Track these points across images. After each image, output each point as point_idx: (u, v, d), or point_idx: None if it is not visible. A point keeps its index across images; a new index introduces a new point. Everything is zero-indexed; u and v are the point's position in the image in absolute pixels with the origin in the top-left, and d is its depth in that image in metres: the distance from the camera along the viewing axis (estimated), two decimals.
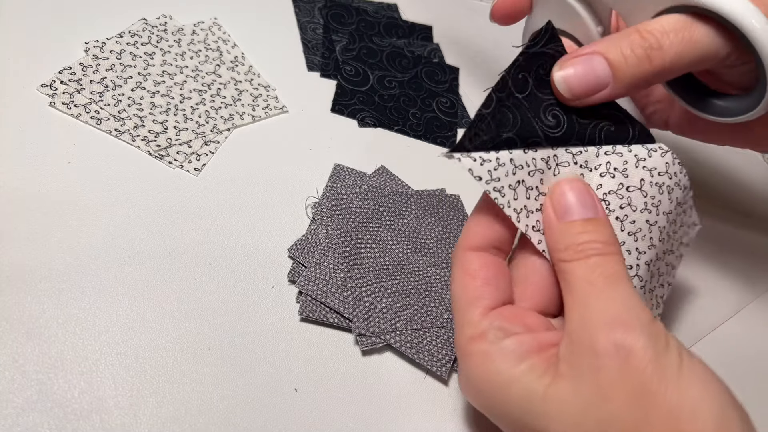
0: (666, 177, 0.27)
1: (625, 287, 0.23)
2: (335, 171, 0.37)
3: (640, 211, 0.27)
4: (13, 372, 0.24)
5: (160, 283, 0.29)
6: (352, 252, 0.32)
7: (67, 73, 0.35)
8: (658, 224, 0.27)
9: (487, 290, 0.25)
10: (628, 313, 0.22)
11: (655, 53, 0.25)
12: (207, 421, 0.26)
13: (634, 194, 0.26)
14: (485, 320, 0.24)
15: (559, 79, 0.26)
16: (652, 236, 0.27)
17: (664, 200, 0.27)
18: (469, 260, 0.25)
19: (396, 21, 0.50)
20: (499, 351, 0.23)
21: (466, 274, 0.25)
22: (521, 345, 0.23)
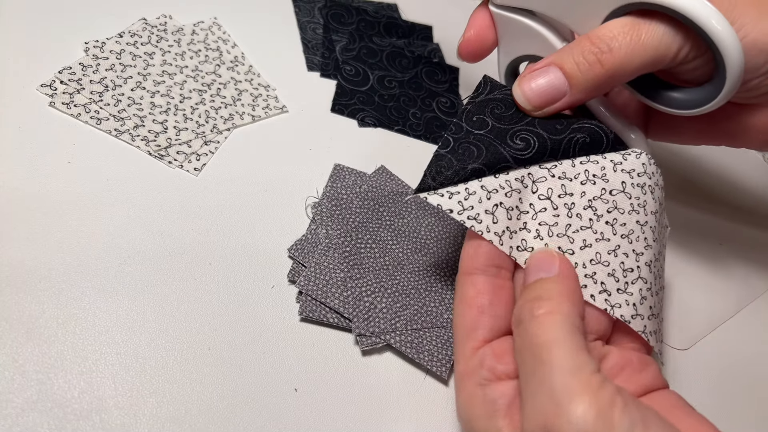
0: (646, 177, 0.27)
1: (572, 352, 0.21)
2: (335, 171, 0.37)
3: (628, 212, 0.27)
4: (13, 372, 0.24)
5: (160, 283, 0.29)
6: (352, 252, 0.32)
7: (67, 73, 0.35)
8: (649, 224, 0.27)
9: (483, 320, 0.25)
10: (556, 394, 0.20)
11: (605, 57, 0.26)
12: (207, 421, 0.26)
13: (619, 197, 0.27)
14: (476, 357, 0.24)
15: (519, 93, 0.27)
16: (646, 237, 0.27)
17: (649, 200, 0.27)
18: (466, 287, 0.26)
19: (396, 21, 0.50)
20: (481, 398, 0.23)
21: (463, 302, 0.25)
22: (501, 398, 0.23)
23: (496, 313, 0.25)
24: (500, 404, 0.23)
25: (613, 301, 0.26)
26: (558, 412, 0.20)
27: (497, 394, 0.23)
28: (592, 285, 0.26)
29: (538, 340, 0.22)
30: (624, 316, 0.26)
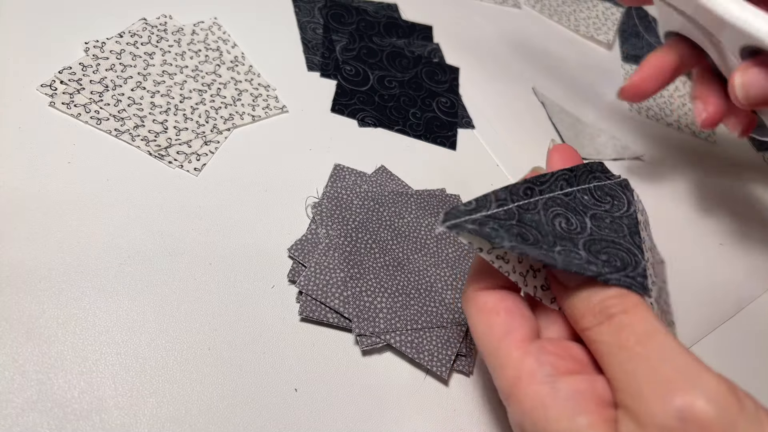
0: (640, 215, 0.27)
1: (665, 342, 0.20)
2: (335, 171, 0.37)
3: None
4: (13, 372, 0.24)
5: (160, 283, 0.29)
6: (352, 252, 0.32)
7: (67, 73, 0.35)
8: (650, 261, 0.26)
9: (516, 321, 0.23)
10: (682, 376, 0.19)
11: None
12: (207, 421, 0.26)
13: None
14: (528, 357, 0.21)
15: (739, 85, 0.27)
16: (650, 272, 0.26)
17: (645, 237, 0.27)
18: (483, 298, 0.24)
19: (396, 21, 0.50)
20: (554, 396, 0.20)
21: (485, 311, 0.23)
22: (579, 394, 0.20)
23: (524, 313, 0.23)
24: (582, 399, 0.20)
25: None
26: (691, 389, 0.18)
27: (572, 389, 0.20)
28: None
29: (641, 329, 0.20)
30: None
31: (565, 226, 0.24)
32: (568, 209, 0.25)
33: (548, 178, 0.25)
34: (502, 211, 0.23)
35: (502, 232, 0.22)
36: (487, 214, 0.23)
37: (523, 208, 0.24)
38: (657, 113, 0.54)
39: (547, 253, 0.22)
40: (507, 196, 0.24)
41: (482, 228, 0.22)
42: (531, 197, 0.24)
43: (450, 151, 0.42)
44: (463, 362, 0.31)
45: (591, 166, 0.27)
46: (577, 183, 0.26)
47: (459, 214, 0.22)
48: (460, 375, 0.31)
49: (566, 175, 0.26)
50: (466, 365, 0.31)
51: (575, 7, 0.62)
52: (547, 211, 0.24)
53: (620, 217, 0.26)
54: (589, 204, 0.26)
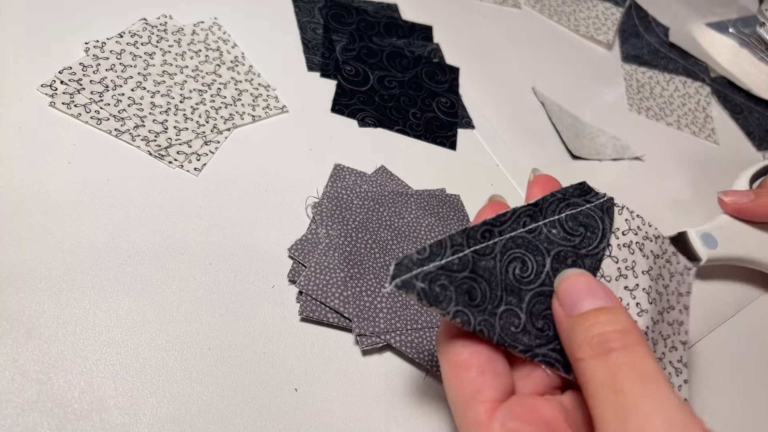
0: (631, 234, 0.25)
1: (662, 392, 0.19)
2: (335, 171, 0.37)
3: (614, 279, 0.25)
4: (13, 372, 0.24)
5: (160, 283, 0.29)
6: (352, 252, 0.32)
7: (67, 73, 0.35)
8: (641, 286, 0.25)
9: (486, 379, 0.22)
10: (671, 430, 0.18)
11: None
12: (207, 421, 0.26)
13: (605, 263, 0.25)
14: (494, 422, 0.21)
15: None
16: (638, 301, 0.25)
17: (638, 259, 0.25)
18: (456, 349, 0.22)
19: (396, 21, 0.50)
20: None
21: (457, 366, 0.22)
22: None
23: (497, 370, 0.22)
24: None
25: None
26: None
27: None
28: None
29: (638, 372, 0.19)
30: None
31: (518, 273, 0.23)
32: (528, 249, 0.24)
33: (509, 217, 0.24)
34: (456, 259, 0.22)
35: (451, 290, 0.21)
36: (440, 264, 0.21)
37: (479, 253, 0.23)
38: (657, 113, 0.54)
39: (488, 320, 0.22)
40: (463, 240, 0.22)
41: (431, 287, 0.21)
42: (489, 239, 0.23)
43: (450, 151, 0.42)
44: None
45: (566, 192, 0.25)
46: (543, 216, 0.25)
47: (410, 265, 0.21)
48: None
49: (530, 210, 0.24)
50: None
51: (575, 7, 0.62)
52: (504, 255, 0.23)
53: (584, 256, 0.25)
54: (556, 239, 0.24)
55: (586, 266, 0.25)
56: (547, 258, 0.24)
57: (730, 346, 0.38)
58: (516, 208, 0.24)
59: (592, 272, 0.25)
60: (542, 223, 0.24)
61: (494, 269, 0.23)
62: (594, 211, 0.25)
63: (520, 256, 0.24)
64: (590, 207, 0.25)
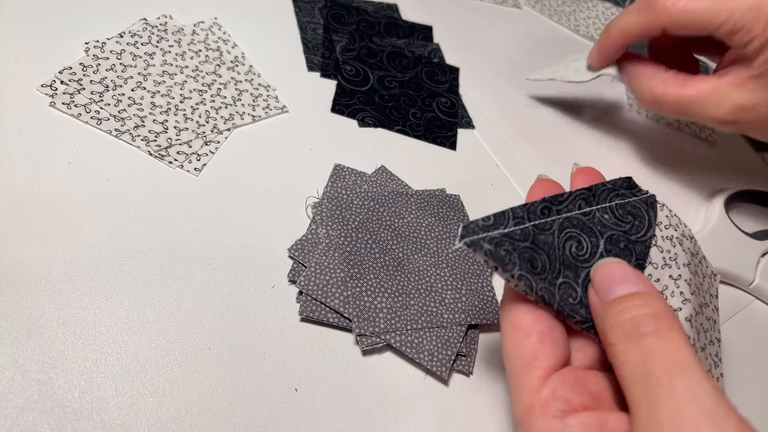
0: (672, 229, 0.27)
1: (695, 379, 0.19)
2: (335, 171, 0.37)
3: (661, 267, 0.26)
4: (14, 372, 0.24)
5: (160, 283, 0.29)
6: (352, 252, 0.32)
7: (68, 73, 0.35)
8: (683, 277, 0.26)
9: (545, 347, 0.22)
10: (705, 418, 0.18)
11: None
12: (207, 421, 0.26)
13: (652, 251, 0.26)
14: (546, 387, 0.21)
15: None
16: (682, 290, 0.25)
17: (679, 252, 0.26)
18: (519, 314, 0.23)
19: (396, 21, 0.50)
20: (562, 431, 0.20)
21: (519, 330, 0.23)
22: (586, 430, 0.20)
23: (556, 340, 0.23)
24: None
25: None
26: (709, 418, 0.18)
27: (581, 426, 0.20)
28: None
29: (671, 358, 0.19)
30: None
31: (574, 251, 0.24)
32: (583, 230, 0.25)
33: (566, 198, 0.25)
34: (518, 230, 0.23)
35: (515, 256, 0.22)
36: (504, 232, 0.23)
37: (539, 227, 0.24)
38: (657, 113, 0.54)
39: (549, 288, 0.23)
40: (524, 214, 0.24)
41: (497, 250, 0.22)
42: (548, 216, 0.24)
43: (450, 151, 0.42)
44: (463, 362, 0.31)
45: (615, 183, 0.27)
46: (596, 202, 0.26)
47: (477, 229, 0.22)
48: (460, 375, 0.31)
49: (584, 194, 0.26)
50: (466, 365, 0.31)
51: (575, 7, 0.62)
52: (561, 233, 0.24)
53: (635, 242, 0.26)
54: (608, 224, 0.26)
55: (636, 251, 0.26)
56: (601, 240, 0.25)
57: (730, 345, 0.38)
58: (571, 192, 0.26)
59: (643, 257, 0.26)
60: (595, 208, 0.26)
61: (553, 244, 0.24)
62: (639, 203, 0.27)
63: (575, 236, 0.25)
64: (636, 200, 0.27)
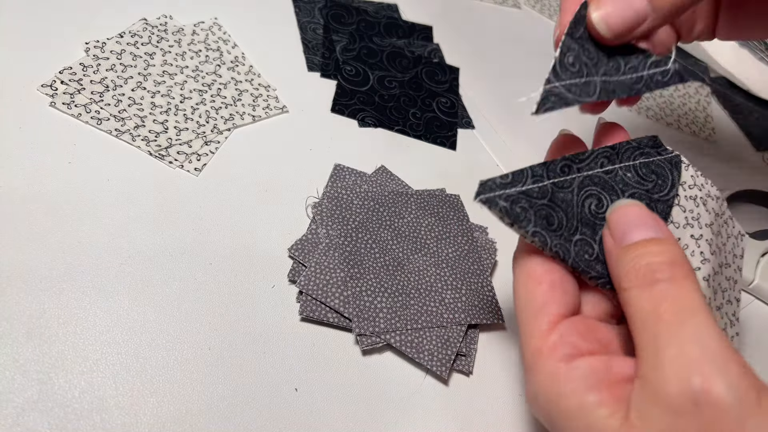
0: (696, 189, 0.27)
1: (702, 323, 0.19)
2: (335, 171, 0.37)
3: (682, 227, 0.26)
4: (14, 372, 0.25)
5: (160, 283, 0.29)
6: (352, 252, 0.32)
7: (68, 73, 0.35)
8: (704, 237, 0.26)
9: (555, 295, 0.23)
10: (708, 359, 0.18)
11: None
12: (207, 421, 0.26)
13: (674, 210, 0.26)
14: (555, 332, 0.22)
15: (598, 19, 0.25)
16: (702, 251, 0.25)
17: (702, 212, 0.26)
18: (532, 264, 0.23)
19: (396, 21, 0.50)
20: (568, 373, 0.21)
21: (531, 278, 0.23)
22: (593, 373, 0.21)
23: (567, 289, 0.23)
24: (595, 378, 0.20)
25: None
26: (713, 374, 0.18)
27: (588, 367, 0.21)
28: None
29: (683, 303, 0.20)
30: None
31: (594, 208, 0.24)
32: (605, 188, 0.25)
33: (587, 156, 0.25)
34: (536, 188, 0.23)
35: (531, 213, 0.23)
36: (522, 189, 0.23)
37: (558, 185, 0.24)
38: (657, 113, 0.54)
39: (564, 244, 0.23)
40: (543, 172, 0.24)
41: (513, 207, 0.22)
42: (568, 174, 0.24)
43: (450, 151, 0.42)
44: (463, 362, 0.31)
45: (640, 142, 0.27)
46: (619, 160, 0.26)
47: (494, 187, 0.22)
48: (460, 375, 0.31)
49: (607, 153, 0.26)
50: (466, 365, 0.31)
51: None
52: (581, 191, 0.24)
53: (657, 200, 0.26)
54: (631, 182, 0.26)
55: (658, 210, 0.26)
56: (622, 198, 0.25)
57: None
58: (594, 150, 0.25)
59: (664, 217, 0.26)
60: (618, 166, 0.26)
61: (571, 201, 0.24)
62: (664, 162, 0.27)
63: (596, 194, 0.25)
64: (661, 159, 0.27)
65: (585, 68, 0.25)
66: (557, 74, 0.24)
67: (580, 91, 0.25)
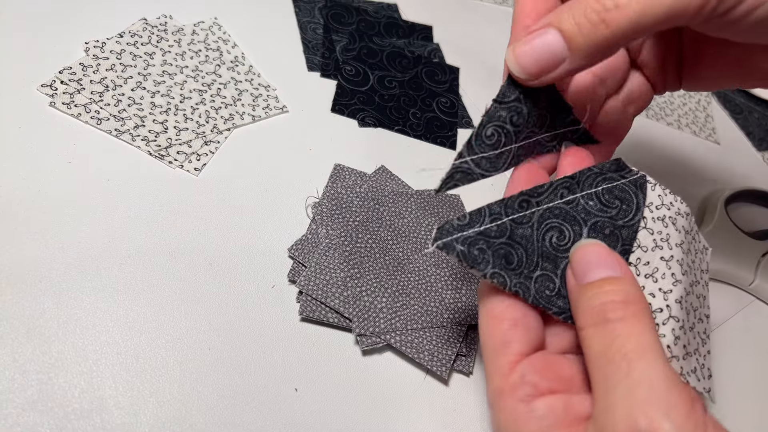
0: (664, 209, 0.26)
1: (651, 364, 0.19)
2: (335, 171, 0.37)
3: (651, 249, 0.25)
4: (14, 372, 0.24)
5: (160, 283, 0.29)
6: (352, 252, 0.32)
7: (68, 73, 0.35)
8: (675, 258, 0.26)
9: (516, 333, 0.23)
10: (654, 400, 0.19)
11: (610, 16, 0.22)
12: (207, 421, 0.26)
13: (641, 234, 0.26)
14: (516, 372, 0.22)
15: (512, 60, 0.24)
16: (673, 272, 0.25)
17: (672, 232, 0.26)
18: (493, 302, 0.23)
19: (396, 21, 0.50)
20: (527, 414, 0.21)
21: (492, 317, 0.23)
22: (551, 413, 0.21)
23: (529, 325, 0.23)
24: (552, 419, 0.21)
25: None
26: (659, 416, 0.18)
27: (546, 408, 0.21)
28: None
29: (633, 344, 0.20)
30: None
31: (555, 241, 0.24)
32: (566, 219, 0.25)
33: (546, 189, 0.25)
34: (494, 227, 0.23)
35: (488, 254, 0.23)
36: (479, 230, 0.23)
37: (516, 221, 0.24)
38: (657, 113, 0.54)
39: (524, 282, 0.23)
40: (501, 209, 0.24)
41: (470, 250, 0.22)
42: (527, 209, 0.24)
43: (450, 151, 0.42)
44: (463, 362, 0.31)
45: (602, 167, 0.26)
46: (580, 189, 0.26)
47: (451, 230, 0.22)
48: (460, 375, 0.31)
49: (567, 183, 0.25)
50: (466, 365, 0.31)
51: None
52: (541, 224, 0.24)
53: (621, 227, 0.25)
54: (593, 210, 0.25)
55: (623, 236, 0.25)
56: (584, 228, 0.25)
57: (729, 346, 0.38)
58: (553, 181, 0.25)
59: (629, 242, 0.26)
60: (579, 195, 0.25)
61: (531, 237, 0.24)
62: (628, 185, 0.27)
63: (557, 226, 0.25)
64: (625, 182, 0.27)
65: (504, 138, 0.25)
66: (471, 148, 0.24)
67: (489, 165, 0.24)
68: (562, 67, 0.24)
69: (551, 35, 0.23)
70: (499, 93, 0.25)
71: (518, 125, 0.25)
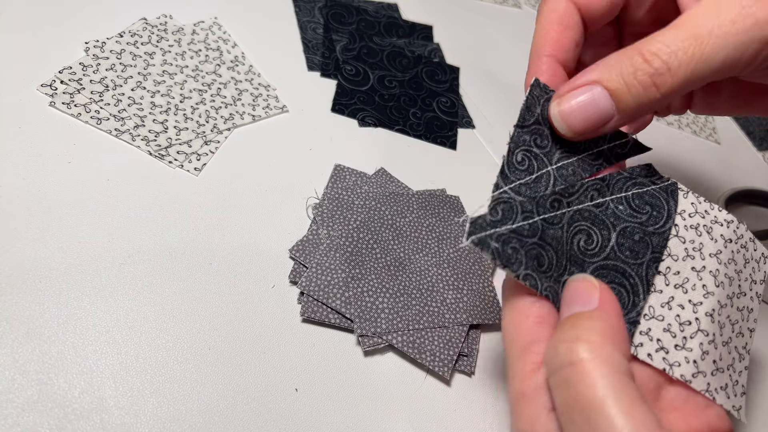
0: (698, 217, 0.26)
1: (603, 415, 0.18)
2: (336, 171, 0.37)
3: (682, 259, 0.25)
4: (13, 372, 0.24)
5: (160, 283, 0.29)
6: (353, 252, 0.32)
7: (67, 72, 0.35)
8: (708, 268, 0.25)
9: (542, 331, 0.22)
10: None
11: (662, 79, 0.22)
12: (207, 421, 0.26)
13: (672, 242, 0.25)
14: (540, 374, 0.21)
15: (557, 117, 0.23)
16: (704, 284, 0.24)
17: (706, 241, 0.25)
18: (519, 296, 0.23)
19: (396, 21, 0.50)
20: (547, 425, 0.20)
21: (517, 312, 0.22)
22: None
23: (554, 323, 0.22)
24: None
25: (671, 359, 0.23)
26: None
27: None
28: (648, 342, 0.23)
29: (586, 396, 0.19)
30: (684, 375, 0.23)
31: (583, 245, 0.24)
32: (594, 223, 0.24)
33: (577, 189, 0.24)
34: (527, 225, 0.23)
35: (521, 254, 0.22)
36: (512, 228, 0.22)
37: (548, 221, 0.23)
38: None
39: (553, 287, 0.23)
40: (533, 207, 0.23)
41: (504, 248, 0.22)
42: (558, 209, 0.24)
43: (450, 151, 0.42)
44: (465, 362, 0.31)
45: (632, 171, 0.26)
46: (610, 192, 0.25)
47: (485, 225, 0.22)
48: (462, 375, 0.31)
49: (597, 185, 0.25)
50: (468, 365, 0.31)
51: None
52: (571, 226, 0.24)
53: (651, 233, 0.25)
54: (623, 215, 0.25)
55: (653, 243, 0.25)
56: (613, 233, 0.25)
57: None
58: (583, 182, 0.25)
59: (660, 250, 0.25)
60: (609, 198, 0.25)
61: (561, 238, 0.23)
62: (659, 192, 0.26)
63: (585, 229, 0.24)
64: (656, 188, 0.26)
65: (536, 161, 0.24)
66: (505, 176, 0.23)
67: (528, 191, 0.24)
68: (608, 126, 0.23)
69: (598, 93, 0.23)
70: (519, 117, 0.24)
71: (544, 147, 0.25)
